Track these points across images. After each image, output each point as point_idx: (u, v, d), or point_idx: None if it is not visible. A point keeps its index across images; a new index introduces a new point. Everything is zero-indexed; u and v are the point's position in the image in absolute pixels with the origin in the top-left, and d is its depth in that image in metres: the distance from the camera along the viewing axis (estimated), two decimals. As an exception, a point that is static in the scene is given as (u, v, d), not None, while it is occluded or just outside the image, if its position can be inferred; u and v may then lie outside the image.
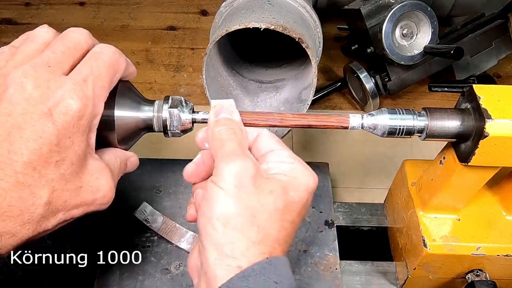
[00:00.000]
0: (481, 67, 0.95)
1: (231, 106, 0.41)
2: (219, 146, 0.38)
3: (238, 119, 0.40)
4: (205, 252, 0.34)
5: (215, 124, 0.40)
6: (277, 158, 0.39)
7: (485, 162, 0.48)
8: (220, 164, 0.36)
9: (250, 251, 0.34)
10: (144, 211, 0.68)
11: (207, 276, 0.34)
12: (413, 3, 0.81)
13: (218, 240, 0.34)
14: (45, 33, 0.39)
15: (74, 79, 0.36)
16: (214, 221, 0.34)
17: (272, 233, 0.35)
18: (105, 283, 0.63)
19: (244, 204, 0.34)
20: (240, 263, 0.33)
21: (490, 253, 0.56)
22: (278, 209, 0.35)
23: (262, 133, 0.41)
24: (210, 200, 0.35)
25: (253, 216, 0.34)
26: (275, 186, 0.36)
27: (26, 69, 0.35)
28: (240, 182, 0.35)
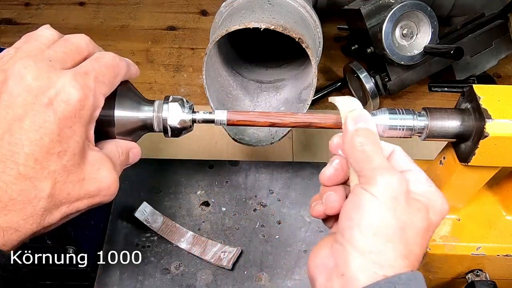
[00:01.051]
0: (481, 67, 0.95)
1: (367, 114, 0.40)
2: (366, 158, 0.37)
3: (375, 130, 0.40)
4: (347, 255, 0.34)
5: (355, 133, 0.39)
6: (416, 178, 0.39)
7: (485, 162, 0.48)
8: (374, 175, 0.36)
9: (398, 263, 0.34)
10: (144, 211, 0.68)
11: (345, 278, 0.34)
12: (413, 3, 0.81)
13: (366, 246, 0.34)
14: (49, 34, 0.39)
15: (74, 71, 0.36)
16: (364, 227, 0.34)
17: (415, 250, 0.35)
18: (105, 283, 0.63)
19: (398, 217, 0.34)
20: (386, 272, 0.33)
21: (490, 253, 0.56)
22: (423, 227, 0.36)
23: (396, 150, 0.41)
24: (361, 206, 0.35)
25: (404, 230, 0.34)
26: (419, 205, 0.36)
27: (26, 61, 0.35)
28: (395, 195, 0.35)
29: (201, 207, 0.71)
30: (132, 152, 0.44)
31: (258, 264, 0.65)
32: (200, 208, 0.71)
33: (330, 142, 0.41)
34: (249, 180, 0.74)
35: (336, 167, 0.40)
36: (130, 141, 0.44)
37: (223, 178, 0.74)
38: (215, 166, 0.75)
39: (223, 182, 0.74)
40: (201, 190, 0.73)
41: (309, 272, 0.39)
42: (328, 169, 0.40)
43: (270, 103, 0.75)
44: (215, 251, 0.65)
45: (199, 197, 0.72)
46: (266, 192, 0.73)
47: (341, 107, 0.42)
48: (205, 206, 0.71)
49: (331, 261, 0.36)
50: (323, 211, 0.40)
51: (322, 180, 0.40)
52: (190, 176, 0.74)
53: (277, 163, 0.77)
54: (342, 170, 0.40)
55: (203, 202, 0.71)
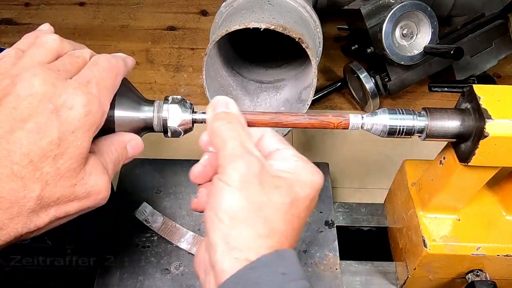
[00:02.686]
0: (481, 67, 0.95)
1: (228, 99, 0.41)
2: (221, 144, 0.38)
3: (235, 111, 0.41)
4: (213, 245, 0.35)
5: (213, 119, 0.40)
6: (281, 156, 0.39)
7: (485, 162, 0.48)
8: (225, 164, 0.36)
9: (257, 243, 0.34)
10: (144, 211, 0.68)
11: (215, 270, 0.34)
12: (413, 3, 0.81)
13: (225, 232, 0.34)
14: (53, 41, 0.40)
15: (78, 80, 0.37)
16: (221, 214, 0.35)
17: (279, 227, 0.35)
18: (105, 283, 0.63)
19: (251, 198, 0.35)
20: (247, 255, 0.33)
21: (490, 253, 0.56)
22: (285, 203, 0.36)
23: (266, 132, 0.41)
24: (217, 195, 0.36)
25: (259, 209, 0.35)
26: (280, 182, 0.36)
27: (36, 68, 0.36)
28: (245, 178, 0.35)
29: (201, 207, 0.71)
30: (130, 145, 0.43)
31: (258, 264, 0.65)
32: (200, 208, 0.71)
33: (200, 140, 0.41)
34: (249, 180, 0.74)
35: (204, 163, 0.40)
36: (127, 133, 0.43)
37: (223, 178, 0.74)
38: (215, 166, 0.75)
39: (223, 182, 0.73)
40: (201, 190, 0.72)
41: (195, 271, 0.39)
42: (196, 167, 0.41)
43: (270, 103, 0.75)
44: (215, 251, 0.65)
45: (199, 197, 0.72)
46: (266, 192, 0.73)
47: None
48: (205, 206, 0.71)
49: (206, 255, 0.37)
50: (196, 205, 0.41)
51: (191, 177, 0.41)
52: (190, 176, 0.74)
53: (277, 163, 0.77)
54: (210, 166, 0.40)
55: (203, 202, 0.71)
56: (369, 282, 0.68)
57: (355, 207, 0.74)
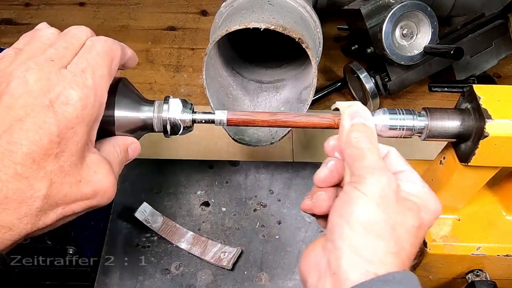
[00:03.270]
0: (481, 67, 0.95)
1: (365, 110, 0.40)
2: (359, 155, 0.37)
3: (372, 125, 0.40)
4: (337, 252, 0.34)
5: (351, 129, 0.39)
6: (408, 179, 0.39)
7: (485, 162, 0.48)
8: (364, 174, 0.36)
9: (388, 260, 0.34)
10: (144, 211, 0.68)
11: (336, 277, 0.34)
12: (413, 3, 0.81)
13: (357, 243, 0.34)
14: (51, 34, 0.39)
15: (72, 72, 0.36)
16: (355, 223, 0.34)
17: (406, 248, 0.35)
18: (105, 283, 0.63)
19: (388, 214, 0.35)
20: (377, 270, 0.33)
21: (490, 253, 0.56)
22: (414, 226, 0.36)
23: (391, 151, 0.41)
24: (352, 203, 0.35)
25: (394, 228, 0.34)
26: (411, 205, 0.36)
27: (29, 64, 0.35)
28: (385, 194, 0.35)
29: (201, 207, 0.71)
30: (131, 148, 0.43)
31: (258, 264, 0.65)
32: (200, 208, 0.71)
33: (326, 144, 0.41)
34: (249, 180, 0.74)
35: (331, 168, 0.40)
36: (128, 137, 0.43)
37: (223, 178, 0.74)
38: (215, 166, 0.75)
39: (223, 182, 0.74)
40: (201, 190, 0.73)
41: (301, 273, 0.39)
42: (323, 171, 0.40)
43: (270, 103, 0.75)
44: (215, 251, 0.65)
45: (199, 197, 0.72)
46: (266, 192, 0.73)
47: (342, 106, 0.42)
48: (205, 206, 0.71)
49: (323, 260, 0.36)
50: (311, 207, 0.40)
51: (316, 181, 0.40)
52: (190, 176, 0.74)
53: (277, 163, 0.77)
54: (337, 172, 0.40)
55: (203, 202, 0.71)
56: (369, 282, 0.67)
57: (355, 207, 0.74)
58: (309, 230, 0.69)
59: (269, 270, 0.65)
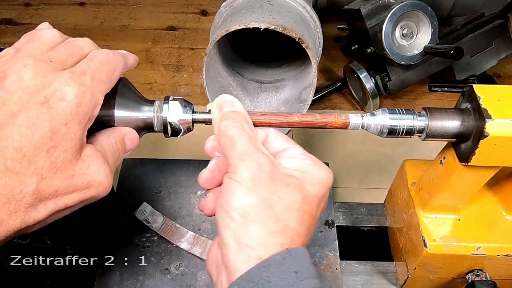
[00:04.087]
0: (481, 67, 0.95)
1: (231, 98, 0.41)
2: (230, 144, 0.38)
3: (241, 110, 0.40)
4: (225, 244, 0.35)
5: (221, 119, 0.39)
6: (289, 155, 0.39)
7: (485, 162, 0.48)
8: (235, 163, 0.36)
9: (269, 241, 0.34)
10: (144, 211, 0.68)
11: (227, 269, 0.34)
12: (413, 3, 0.81)
13: (237, 231, 0.34)
14: (52, 35, 0.39)
15: (71, 71, 0.36)
16: (232, 212, 0.35)
17: (291, 225, 0.35)
18: (105, 283, 0.63)
19: (262, 196, 0.35)
20: (259, 253, 0.33)
21: (490, 253, 0.56)
22: (296, 201, 0.36)
23: (270, 132, 0.41)
24: (228, 193, 0.36)
25: (271, 207, 0.35)
26: (290, 180, 0.36)
27: (26, 59, 0.35)
28: (255, 176, 0.35)
29: (201, 207, 0.71)
30: (127, 138, 0.43)
31: (258, 264, 0.65)
32: (200, 208, 0.71)
33: (205, 146, 0.41)
34: (249, 180, 0.74)
35: (212, 168, 0.40)
36: (124, 127, 0.43)
37: (223, 178, 0.74)
38: (215, 166, 0.75)
39: (223, 182, 0.73)
40: (201, 190, 0.72)
41: (207, 271, 0.39)
42: (204, 173, 0.40)
43: (270, 103, 0.75)
44: (215, 251, 0.65)
45: (199, 197, 0.72)
46: (266, 192, 0.73)
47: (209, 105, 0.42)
48: (205, 206, 0.71)
49: (218, 255, 0.37)
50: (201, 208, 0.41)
51: (200, 183, 0.41)
52: (190, 176, 0.74)
53: (277, 163, 0.77)
54: (219, 171, 0.40)
55: (203, 202, 0.71)
56: (369, 282, 0.68)
57: (355, 207, 0.74)
58: (309, 230, 0.69)
59: (269, 270, 0.65)
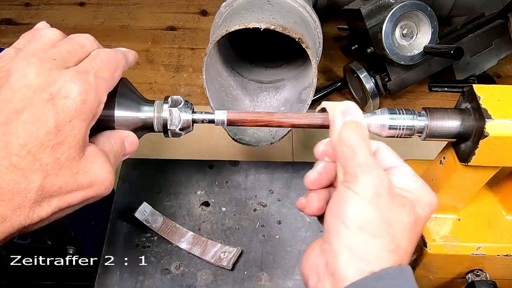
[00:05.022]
0: (481, 67, 0.95)
1: (356, 107, 0.40)
2: (351, 153, 0.37)
3: (364, 124, 0.40)
4: (334, 252, 0.34)
5: (343, 127, 0.39)
6: (401, 173, 0.39)
7: (485, 162, 0.48)
8: (356, 173, 0.36)
9: (384, 257, 0.34)
10: (144, 211, 0.68)
11: (334, 277, 0.34)
12: (413, 3, 0.81)
13: (352, 242, 0.34)
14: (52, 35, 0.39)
15: (75, 69, 0.37)
16: (348, 222, 0.34)
17: (403, 245, 0.35)
18: (105, 283, 0.63)
19: (381, 212, 0.35)
20: (373, 267, 0.33)
21: (490, 253, 0.56)
22: (410, 222, 0.36)
23: (381, 146, 0.41)
24: (344, 202, 0.35)
25: (389, 225, 0.35)
26: (405, 201, 0.36)
27: (30, 58, 0.36)
28: (378, 191, 0.35)
29: (201, 207, 0.71)
30: (127, 141, 0.43)
31: (258, 264, 0.65)
32: (200, 208, 0.71)
33: (315, 149, 0.41)
34: (249, 180, 0.74)
35: (320, 171, 0.40)
36: (124, 130, 0.43)
37: (223, 178, 0.74)
38: (215, 166, 0.75)
39: (223, 182, 0.73)
40: (201, 190, 0.72)
41: (302, 274, 0.39)
42: (312, 173, 0.40)
43: (270, 103, 0.75)
44: (215, 251, 0.65)
45: (199, 197, 0.72)
46: (266, 192, 0.73)
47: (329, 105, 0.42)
48: (205, 206, 0.71)
49: (321, 261, 0.36)
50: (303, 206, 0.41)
51: (306, 183, 0.41)
52: (190, 176, 0.74)
53: (277, 163, 0.77)
54: (326, 174, 0.40)
55: (203, 202, 0.71)
56: (369, 282, 0.67)
57: (355, 207, 0.74)
58: (309, 230, 0.69)
59: (269, 270, 0.65)
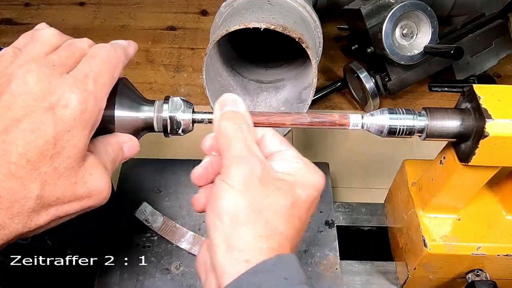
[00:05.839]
0: (481, 67, 0.95)
1: (236, 97, 0.41)
2: (226, 145, 0.38)
3: (243, 111, 0.40)
4: (214, 246, 0.35)
5: (221, 118, 0.39)
6: (282, 157, 0.39)
7: (485, 162, 0.48)
8: (228, 165, 0.36)
9: (258, 245, 0.34)
10: (144, 211, 0.68)
11: (216, 272, 0.35)
12: (413, 3, 0.81)
13: (226, 233, 0.34)
14: (50, 34, 0.39)
15: (74, 76, 0.36)
16: (222, 215, 0.35)
17: (280, 229, 0.35)
18: (105, 283, 0.63)
19: (252, 200, 0.35)
20: (247, 256, 0.33)
21: (490, 253, 0.56)
22: (285, 205, 0.36)
23: (266, 133, 0.41)
24: (218, 196, 0.36)
25: (260, 211, 0.35)
26: (281, 184, 0.36)
27: (30, 65, 0.35)
28: (247, 180, 0.35)
29: (201, 207, 0.71)
30: (126, 146, 0.43)
31: (258, 264, 0.65)
32: (200, 208, 0.71)
33: (202, 144, 0.41)
34: (249, 180, 0.74)
35: (205, 166, 0.41)
36: (123, 134, 0.43)
37: (223, 178, 0.74)
38: (215, 166, 0.75)
39: (223, 182, 0.73)
40: (201, 190, 0.72)
41: (197, 273, 0.39)
42: (197, 169, 0.41)
43: (270, 103, 0.75)
44: (215, 251, 0.65)
45: (199, 197, 0.72)
46: (266, 192, 0.73)
47: None
48: (205, 206, 0.71)
49: (207, 256, 0.37)
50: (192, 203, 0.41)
51: (193, 179, 0.41)
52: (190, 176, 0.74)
53: (277, 163, 0.77)
54: (212, 169, 0.40)
55: (203, 202, 0.71)
56: (369, 282, 0.68)
57: (355, 207, 0.74)
58: (309, 230, 0.69)
59: (269, 270, 0.65)
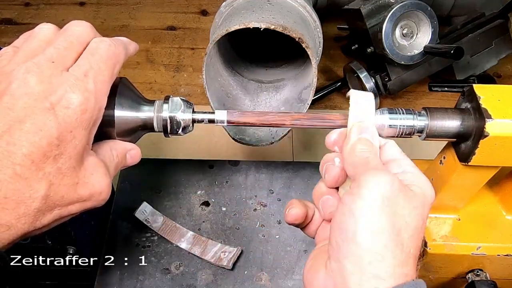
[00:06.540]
0: (481, 67, 0.95)
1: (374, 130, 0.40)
2: (363, 162, 0.37)
3: (377, 146, 0.40)
4: (343, 270, 0.33)
5: (358, 141, 0.39)
6: (399, 166, 0.38)
7: (485, 162, 0.48)
8: (365, 177, 0.34)
9: (397, 271, 0.32)
10: (144, 211, 0.68)
11: None
12: (413, 3, 0.81)
13: (363, 258, 0.32)
14: (47, 30, 0.39)
15: (75, 75, 0.36)
16: (358, 237, 0.32)
17: (412, 253, 0.33)
18: (105, 283, 0.63)
19: (392, 220, 0.33)
20: (387, 285, 0.31)
21: (490, 253, 0.56)
22: (419, 227, 0.34)
23: (388, 142, 0.41)
24: (352, 214, 0.33)
25: (399, 234, 0.33)
26: (417, 203, 0.35)
27: (29, 65, 0.35)
28: (388, 195, 0.33)
29: (201, 207, 0.71)
30: (129, 154, 0.44)
31: (258, 264, 0.65)
32: (200, 208, 0.71)
33: (327, 138, 0.42)
34: (249, 180, 0.74)
35: (341, 166, 0.40)
36: (128, 143, 0.44)
37: (223, 178, 0.74)
38: (215, 166, 0.75)
39: (223, 182, 0.73)
40: (201, 190, 0.72)
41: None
42: (334, 169, 0.40)
43: (270, 103, 0.75)
44: (215, 251, 0.65)
45: (199, 197, 0.72)
46: (266, 192, 0.73)
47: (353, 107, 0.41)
48: (205, 206, 0.71)
49: (329, 282, 0.34)
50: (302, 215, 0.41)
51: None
52: (190, 176, 0.74)
53: (277, 163, 0.77)
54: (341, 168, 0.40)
55: (203, 202, 0.71)
56: (369, 282, 0.67)
57: (355, 207, 0.74)
58: (309, 230, 0.69)
59: (269, 270, 0.65)
